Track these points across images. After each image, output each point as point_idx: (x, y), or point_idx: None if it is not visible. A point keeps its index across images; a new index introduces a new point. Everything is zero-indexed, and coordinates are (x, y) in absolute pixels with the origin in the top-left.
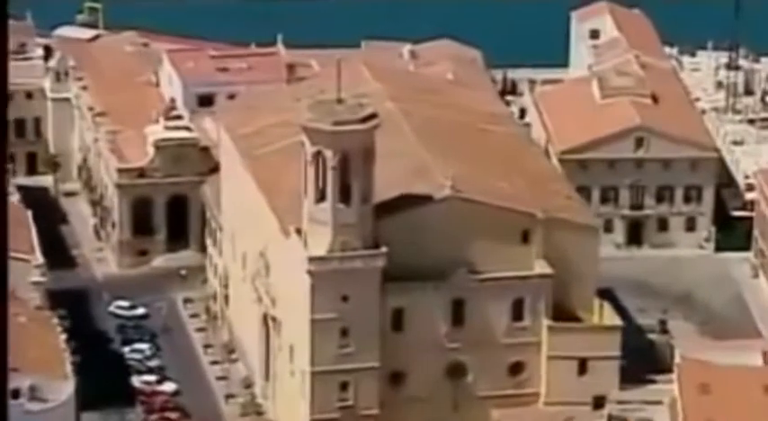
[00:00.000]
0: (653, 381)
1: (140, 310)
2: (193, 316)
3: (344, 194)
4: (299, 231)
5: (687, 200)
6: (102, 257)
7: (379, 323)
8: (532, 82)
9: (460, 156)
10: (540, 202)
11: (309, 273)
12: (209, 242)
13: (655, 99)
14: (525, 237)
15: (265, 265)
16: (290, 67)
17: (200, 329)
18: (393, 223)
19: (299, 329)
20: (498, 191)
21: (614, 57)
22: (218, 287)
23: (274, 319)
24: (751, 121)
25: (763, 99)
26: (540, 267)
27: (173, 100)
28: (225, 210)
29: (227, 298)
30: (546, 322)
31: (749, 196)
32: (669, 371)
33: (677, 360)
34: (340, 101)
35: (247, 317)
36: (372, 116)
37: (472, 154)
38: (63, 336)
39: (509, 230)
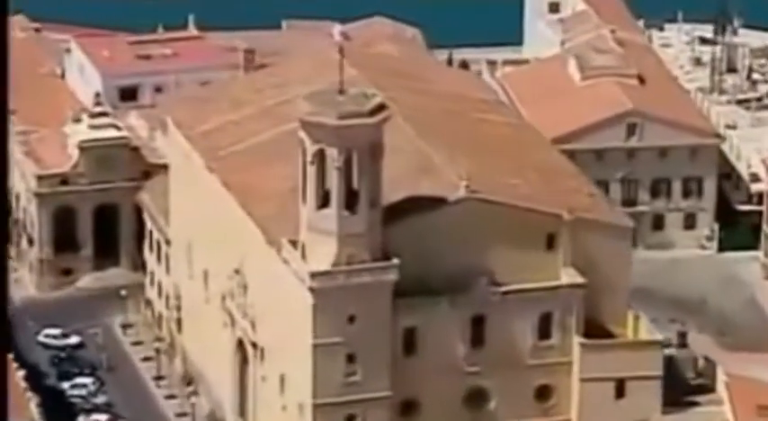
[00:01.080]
0: (696, 403)
1: (74, 339)
2: (136, 343)
3: (350, 199)
4: (293, 243)
5: (686, 194)
6: (17, 278)
7: (389, 346)
8: (492, 63)
9: (464, 150)
10: (562, 201)
11: (311, 290)
12: (149, 258)
13: (641, 80)
14: (550, 242)
15: (241, 284)
16: (248, 54)
17: (147, 359)
18: (400, 230)
19: (294, 356)
20: (514, 189)
21: (585, 32)
22: (164, 310)
23: (255, 345)
24: (740, 102)
25: (749, 77)
26: (569, 276)
27: (98, 94)
28: (175, 221)
29: (179, 322)
30: (577, 339)
31: (755, 188)
32: (709, 390)
33: (723, 378)
34: (342, 91)
35: (212, 344)
36: (381, 107)
37: (475, 147)
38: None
39: (532, 235)
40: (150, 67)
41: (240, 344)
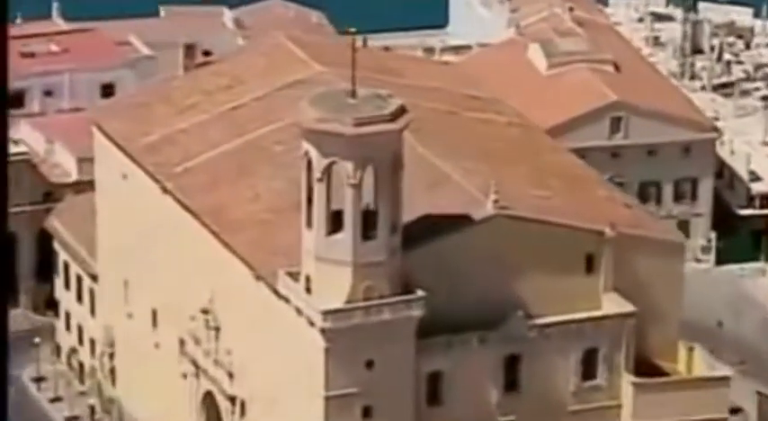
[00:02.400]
0: None
1: None
2: (55, 400)
3: (367, 222)
4: (293, 275)
5: (678, 197)
6: None
7: (412, 394)
8: (429, 50)
9: (473, 158)
10: (599, 215)
11: (323, 332)
12: (64, 296)
13: (616, 67)
14: (590, 264)
15: (211, 326)
16: (189, 50)
17: (73, 419)
18: (417, 256)
19: (296, 412)
20: (544, 203)
21: (537, 12)
22: (87, 358)
23: (233, 400)
24: (717, 88)
25: (719, 58)
26: (615, 304)
27: None
28: (105, 253)
29: (112, 372)
30: (628, 378)
31: (756, 188)
32: None
33: None
34: (354, 93)
35: (165, 399)
36: (402, 110)
37: (484, 153)
38: None
39: (570, 256)
40: (38, 67)
41: (209, 397)
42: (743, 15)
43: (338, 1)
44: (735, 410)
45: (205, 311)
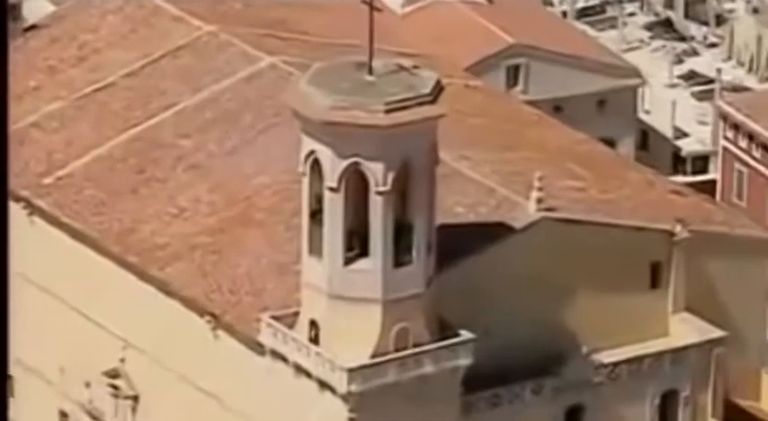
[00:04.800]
0: None
1: None
2: None
3: (398, 242)
4: (281, 321)
5: None
6: None
7: None
8: None
9: (459, 140)
10: (653, 210)
11: (348, 398)
12: None
13: None
14: (655, 276)
15: (123, 394)
16: (14, 11)
17: None
18: (442, 281)
19: None
20: (582, 198)
21: None
22: None
23: None
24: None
25: None
26: (691, 328)
27: None
28: None
29: None
30: None
31: (688, 148)
32: None
33: None
34: (371, 69)
35: None
36: (440, 86)
37: (468, 132)
38: None
39: (631, 267)
40: None
41: None
42: None
43: None
44: None
45: (112, 375)
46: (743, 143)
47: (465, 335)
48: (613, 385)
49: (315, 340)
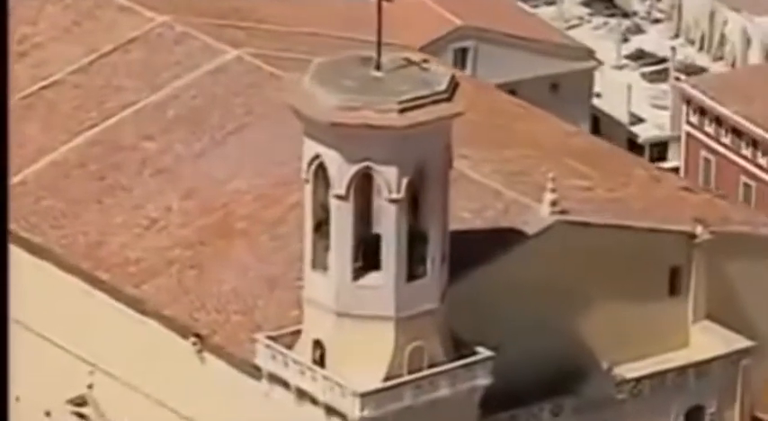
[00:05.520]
0: None
1: None
2: None
3: (411, 253)
4: (280, 339)
5: None
6: None
7: None
8: None
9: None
10: (669, 209)
11: None
12: None
13: None
14: (674, 282)
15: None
16: None
17: None
18: (457, 293)
19: None
20: (592, 198)
21: None
22: None
23: None
24: None
25: None
26: (714, 337)
27: None
28: None
29: None
30: None
31: (645, 135)
32: None
33: None
34: (379, 64)
35: None
36: (455, 82)
37: (459, 129)
38: None
39: (651, 272)
40: None
41: None
42: None
43: None
44: None
45: (78, 402)
46: (710, 129)
47: (482, 352)
48: (636, 402)
49: (320, 362)
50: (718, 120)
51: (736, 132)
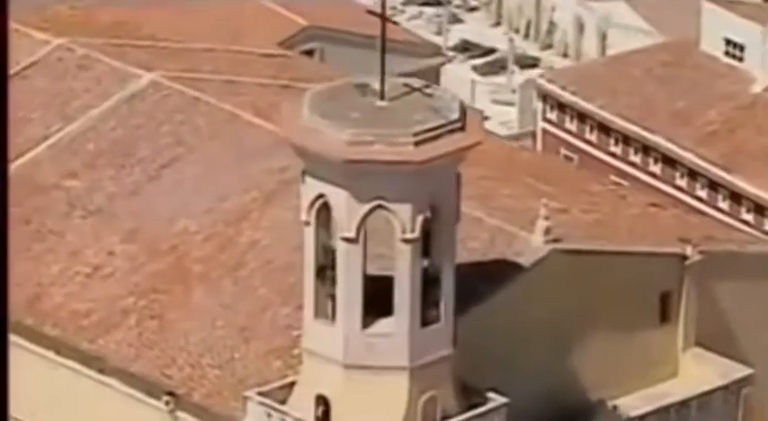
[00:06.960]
0: None
1: None
2: None
3: (424, 296)
4: (271, 395)
5: None
6: None
7: None
8: None
9: None
10: (647, 229)
11: None
12: None
13: None
14: (665, 308)
15: None
16: None
17: None
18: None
19: None
20: (569, 220)
21: None
22: None
23: None
24: None
25: None
26: (705, 365)
27: None
28: None
29: None
30: None
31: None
32: None
33: None
34: (383, 93)
35: None
36: (464, 109)
37: None
38: None
39: (642, 299)
40: None
41: None
42: None
43: None
44: None
45: None
46: (571, 125)
47: (496, 399)
48: None
49: (323, 419)
50: (582, 117)
51: (604, 129)
